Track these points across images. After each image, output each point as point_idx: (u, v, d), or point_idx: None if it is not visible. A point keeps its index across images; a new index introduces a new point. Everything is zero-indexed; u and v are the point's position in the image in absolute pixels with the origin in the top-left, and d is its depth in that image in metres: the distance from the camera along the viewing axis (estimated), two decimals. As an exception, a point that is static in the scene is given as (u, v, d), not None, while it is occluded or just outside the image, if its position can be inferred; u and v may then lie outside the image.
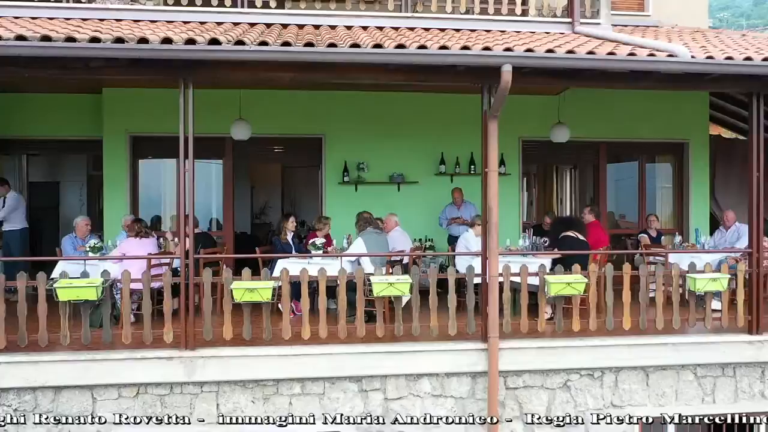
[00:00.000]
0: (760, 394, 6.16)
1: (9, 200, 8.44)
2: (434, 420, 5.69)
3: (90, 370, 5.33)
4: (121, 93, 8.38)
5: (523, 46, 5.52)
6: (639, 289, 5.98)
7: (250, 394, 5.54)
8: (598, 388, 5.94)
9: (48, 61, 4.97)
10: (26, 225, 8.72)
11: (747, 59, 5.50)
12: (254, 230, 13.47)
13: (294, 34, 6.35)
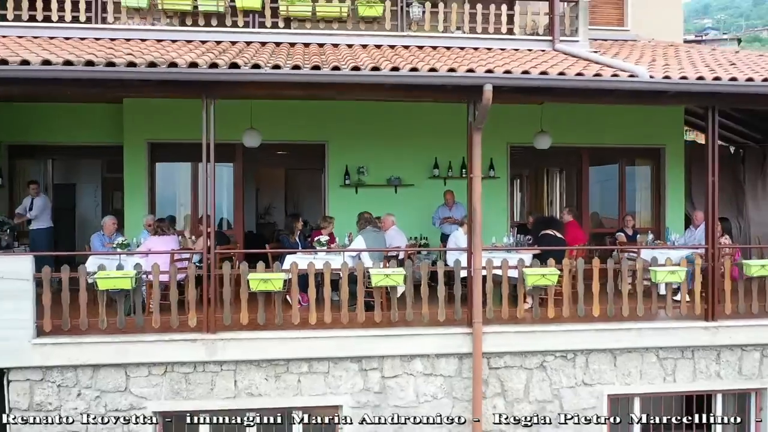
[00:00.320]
0: (716, 374, 6.98)
1: (39, 201, 9.27)
2: (426, 396, 6.51)
3: (124, 351, 6.15)
4: (140, 103, 9.16)
5: (504, 66, 6.33)
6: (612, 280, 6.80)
7: (264, 372, 6.35)
8: (570, 368, 6.75)
9: (90, 82, 5.78)
10: (51, 224, 9.55)
11: (699, 78, 6.32)
12: (259, 229, 14.28)
13: (301, 54, 7.18)
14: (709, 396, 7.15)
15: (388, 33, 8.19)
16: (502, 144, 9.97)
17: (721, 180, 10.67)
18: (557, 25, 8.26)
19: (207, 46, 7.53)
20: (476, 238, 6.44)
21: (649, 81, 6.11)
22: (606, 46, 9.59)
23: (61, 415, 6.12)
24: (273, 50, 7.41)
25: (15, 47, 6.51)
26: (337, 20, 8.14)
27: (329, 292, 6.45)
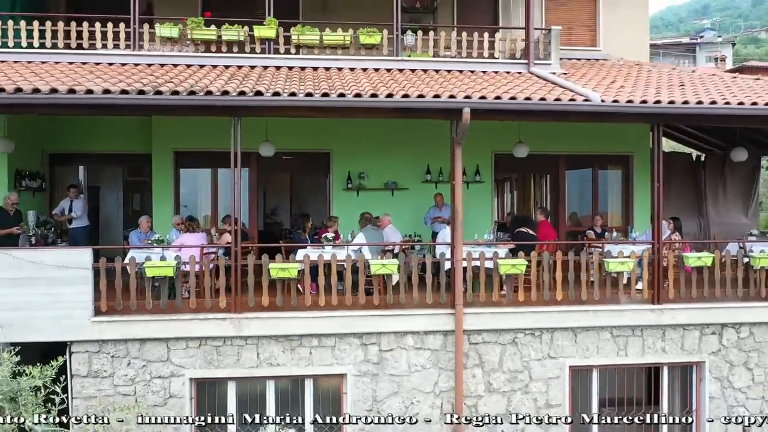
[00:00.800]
0: (661, 349, 8.35)
1: (79, 203, 10.63)
2: (416, 366, 7.88)
3: (166, 328, 7.52)
4: (167, 118, 10.48)
5: (481, 91, 7.71)
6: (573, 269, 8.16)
7: (281, 345, 7.72)
8: (538, 343, 8.13)
9: (140, 108, 7.16)
10: (88, 223, 10.92)
11: (643, 102, 7.68)
12: (267, 228, 15.66)
13: (311, 78, 8.56)
14: (657, 368, 8.52)
15: (385, 58, 9.57)
16: (487, 152, 11.32)
17: (685, 183, 12.19)
18: (532, 50, 9.63)
19: (230, 70, 8.90)
20: (458, 234, 7.81)
21: (600, 105, 7.48)
22: (578, 65, 10.98)
23: (114, 381, 7.50)
24: (287, 75, 8.78)
25: (75, 76, 7.86)
26: (341, 47, 9.51)
27: (335, 280, 7.83)
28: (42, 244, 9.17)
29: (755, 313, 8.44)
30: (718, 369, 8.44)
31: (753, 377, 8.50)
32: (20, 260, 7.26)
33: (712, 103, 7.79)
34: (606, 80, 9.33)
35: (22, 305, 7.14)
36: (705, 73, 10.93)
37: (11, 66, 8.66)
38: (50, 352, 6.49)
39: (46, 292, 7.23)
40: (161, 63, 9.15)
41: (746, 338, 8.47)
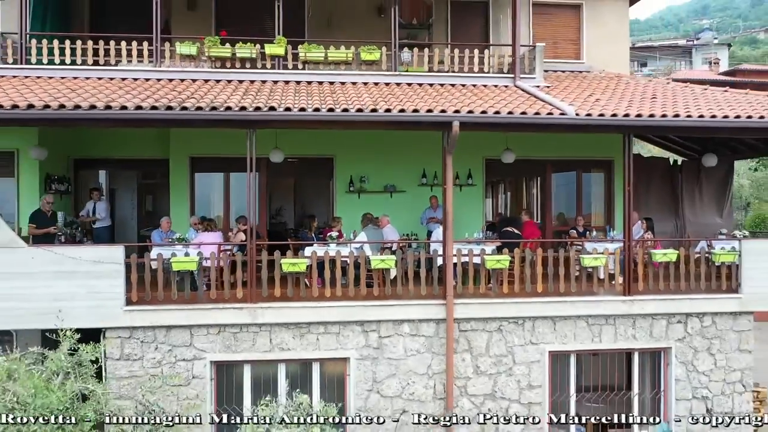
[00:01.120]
0: (632, 336, 9.35)
1: (102, 205, 11.62)
2: (412, 351, 8.88)
3: (189, 316, 8.52)
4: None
5: (469, 106, 8.70)
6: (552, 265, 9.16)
7: (291, 332, 8.73)
8: (521, 331, 9.13)
9: (167, 122, 8.17)
10: (110, 223, 11.92)
11: (613, 115, 8.68)
12: (272, 228, 16.64)
13: (317, 92, 9.56)
14: (629, 353, 9.53)
15: (384, 73, 10.58)
16: (478, 158, 12.30)
17: (663, 187, 13.18)
18: (518, 66, 10.64)
19: (244, 85, 9.91)
20: (448, 233, 8.82)
21: (574, 118, 8.49)
22: (562, 78, 11.99)
23: (143, 363, 8.50)
24: (296, 89, 9.79)
25: (106, 92, 8.85)
26: (344, 63, 10.53)
27: (340, 274, 8.83)
28: (70, 242, 10.17)
29: (717, 304, 9.45)
30: (684, 354, 9.45)
31: (715, 362, 9.50)
32: (61, 256, 8.27)
33: (675, 116, 8.80)
34: (585, 93, 10.34)
35: (64, 296, 8.12)
36: (678, 85, 11.91)
37: (47, 81, 9.66)
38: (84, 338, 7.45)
39: (83, 284, 8.24)
40: (181, 78, 10.16)
41: (709, 327, 9.48)
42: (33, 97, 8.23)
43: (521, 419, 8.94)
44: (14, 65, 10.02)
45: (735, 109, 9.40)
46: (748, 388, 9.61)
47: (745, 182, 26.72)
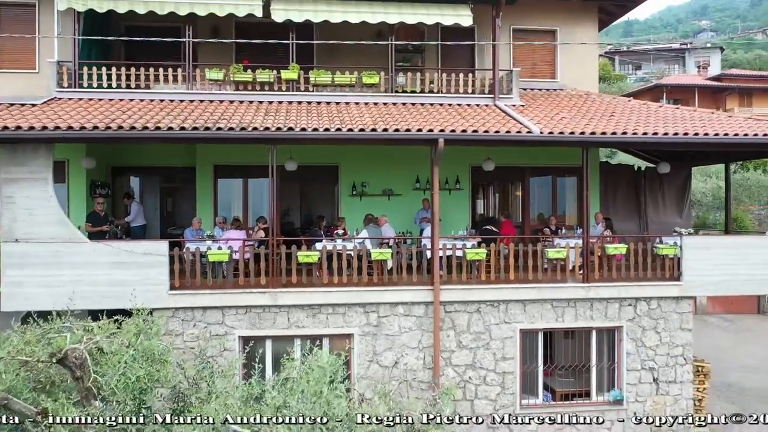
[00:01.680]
0: (590, 317, 11.28)
1: (134, 207, 13.55)
2: (405, 328, 10.81)
3: (222, 299, 10.44)
4: (209, 138, 13.40)
5: (453, 125, 10.62)
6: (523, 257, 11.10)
7: (305, 313, 10.65)
8: (496, 312, 11.05)
9: (204, 140, 10.09)
10: (145, 222, 13.84)
11: (571, 133, 10.61)
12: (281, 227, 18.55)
13: (326, 112, 11.49)
14: (588, 331, 11.46)
15: (382, 94, 12.52)
16: (465, 165, 14.22)
17: (629, 190, 15.09)
18: (497, 88, 12.60)
19: (263, 106, 11.85)
20: (436, 230, 10.75)
21: (539, 135, 10.43)
22: (538, 96, 13.92)
23: (183, 338, 10.43)
24: (307, 109, 11.72)
25: (151, 113, 10.78)
26: (348, 85, 12.46)
27: (345, 265, 10.76)
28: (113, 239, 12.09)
29: (662, 290, 11.39)
30: (634, 332, 11.39)
31: (660, 338, 11.44)
32: (118, 249, 10.21)
33: (624, 134, 10.74)
34: (553, 111, 12.27)
35: (120, 282, 10.05)
36: (637, 103, 13.83)
37: (98, 103, 11.60)
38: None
39: (136, 272, 10.16)
40: (210, 99, 12.10)
41: (655, 309, 11.42)
42: (93, 119, 10.16)
43: (494, 386, 10.89)
44: (69, 89, 11.94)
45: (678, 126, 11.35)
46: (688, 361, 11.55)
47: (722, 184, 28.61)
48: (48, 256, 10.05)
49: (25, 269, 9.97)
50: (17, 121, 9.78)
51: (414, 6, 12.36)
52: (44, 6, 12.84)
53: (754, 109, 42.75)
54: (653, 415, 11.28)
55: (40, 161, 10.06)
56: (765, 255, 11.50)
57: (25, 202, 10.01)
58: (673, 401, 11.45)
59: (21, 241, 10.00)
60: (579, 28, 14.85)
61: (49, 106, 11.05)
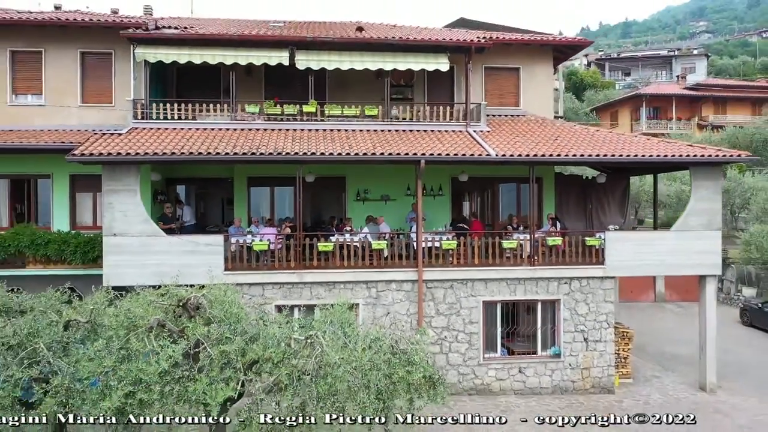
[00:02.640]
0: (535, 292, 15.38)
1: (187, 210, 17.63)
2: (397, 300, 14.90)
3: (262, 277, 14.54)
4: (244, 155, 17.49)
5: (433, 148, 14.71)
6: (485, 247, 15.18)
7: (323, 288, 14.75)
8: (464, 288, 15.15)
9: (245, 161, 14.21)
10: (195, 221, 17.93)
11: (519, 155, 14.69)
12: (297, 226, 22.62)
13: (338, 138, 15.58)
14: (534, 302, 15.55)
15: (380, 122, 16.60)
16: (446, 176, 18.28)
17: (578, 196, 19.21)
18: (469, 118, 16.69)
19: (290, 133, 15.93)
20: (420, 227, 14.85)
21: (494, 157, 14.52)
22: (503, 121, 18.00)
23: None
24: (323, 136, 15.80)
25: (207, 140, 14.86)
26: (353, 116, 16.54)
27: (352, 253, 14.84)
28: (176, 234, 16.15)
29: (590, 271, 15.46)
30: (569, 303, 15.46)
31: (589, 308, 15.51)
32: (187, 241, 14.30)
33: (558, 155, 14.82)
34: (511, 136, 16.35)
35: (189, 265, 14.08)
36: (579, 128, 17.91)
37: (164, 131, 15.66)
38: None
39: (200, 258, 14.22)
40: (249, 128, 16.17)
41: (585, 285, 15.49)
42: (167, 146, 14.25)
43: (463, 343, 14.98)
44: (142, 120, 16.03)
45: (604, 147, 15.43)
46: (611, 325, 15.61)
47: (686, 188, 32.64)
48: (137, 246, 14.15)
49: (120, 255, 14.07)
50: (114, 149, 13.88)
51: (405, 56, 16.48)
52: (119, 54, 16.94)
53: (729, 117, 46.90)
54: (584, 366, 15.36)
55: (131, 177, 14.16)
56: (667, 245, 15.60)
57: (120, 207, 14.10)
58: (599, 355, 15.53)
59: (118, 236, 14.11)
60: (538, 67, 18.96)
61: (131, 135, 15.14)
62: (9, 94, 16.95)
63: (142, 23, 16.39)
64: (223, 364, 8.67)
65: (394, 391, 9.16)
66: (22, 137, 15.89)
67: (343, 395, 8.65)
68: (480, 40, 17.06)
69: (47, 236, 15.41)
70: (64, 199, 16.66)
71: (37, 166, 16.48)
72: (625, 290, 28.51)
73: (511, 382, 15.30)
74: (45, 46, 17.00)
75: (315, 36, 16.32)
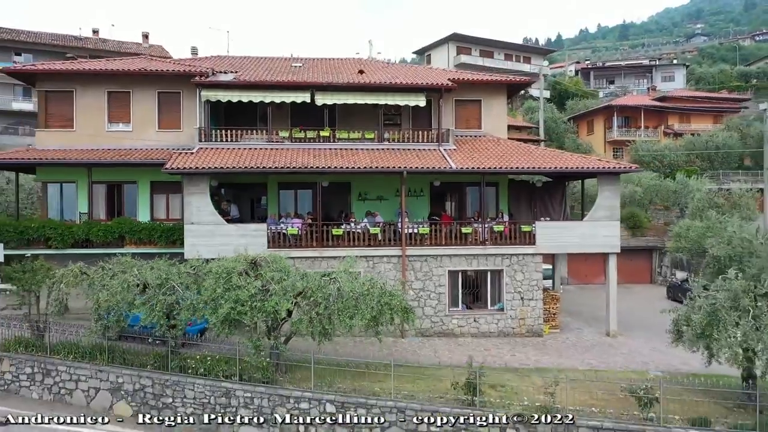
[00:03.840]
0: (485, 264, 22.38)
1: (233, 207, 24.61)
2: (387, 269, 21.89)
3: (291, 252, 21.54)
4: (276, 167, 24.49)
5: (413, 163, 21.70)
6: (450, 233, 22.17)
7: (336, 261, 21.69)
8: (435, 261, 22.17)
9: (286, 173, 21.24)
10: (239, 215, 24.92)
11: (471, 168, 21.67)
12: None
13: (345, 155, 22.62)
14: (485, 272, 22.53)
15: (375, 143, 23.62)
16: (426, 182, 25.27)
17: (527, 198, 26.49)
18: (440, 138, 23.68)
19: (311, 152, 22.93)
20: (404, 219, 21.83)
21: (454, 170, 21.52)
22: (467, 141, 25.00)
23: (273, 273, 21.52)
24: (335, 153, 22.81)
25: (253, 157, 21.88)
26: (356, 139, 23.56)
27: (356, 237, 21.83)
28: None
29: (525, 249, 22.44)
30: (509, 272, 22.44)
31: (524, 276, 22.49)
32: (240, 227, 21.33)
33: (500, 168, 21.79)
34: (471, 153, 23.32)
35: (242, 245, 20.93)
36: (521, 145, 24.85)
37: (221, 151, 22.64)
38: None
39: (249, 240, 21.14)
40: (280, 148, 23.15)
41: (521, 260, 22.47)
42: (226, 161, 21.24)
43: (434, 300, 21.98)
44: (205, 142, 23.04)
45: (535, 160, 22.38)
46: (540, 288, 22.56)
47: (638, 189, 39.58)
48: (206, 231, 21.16)
49: (195, 238, 21.07)
50: (191, 164, 20.90)
51: (394, 95, 23.52)
52: (185, 93, 23.97)
53: (692, 125, 53.89)
54: (520, 317, 22.32)
55: (203, 183, 21.18)
56: (581, 231, 22.59)
57: (196, 204, 21.11)
58: (531, 310, 22.48)
59: (194, 224, 21.11)
60: (494, 100, 26.00)
61: (199, 153, 22.14)
62: (106, 123, 24.02)
63: (204, 72, 23.43)
64: (282, 291, 15.62)
65: (381, 310, 16.07)
66: (117, 155, 22.90)
67: (351, 310, 15.55)
68: (448, 83, 24.08)
69: (140, 225, 22.44)
70: (146, 199, 23.74)
71: (126, 175, 23.55)
72: (580, 274, 35.59)
73: (469, 328, 22.26)
74: (132, 88, 24.06)
75: (329, 82, 23.38)
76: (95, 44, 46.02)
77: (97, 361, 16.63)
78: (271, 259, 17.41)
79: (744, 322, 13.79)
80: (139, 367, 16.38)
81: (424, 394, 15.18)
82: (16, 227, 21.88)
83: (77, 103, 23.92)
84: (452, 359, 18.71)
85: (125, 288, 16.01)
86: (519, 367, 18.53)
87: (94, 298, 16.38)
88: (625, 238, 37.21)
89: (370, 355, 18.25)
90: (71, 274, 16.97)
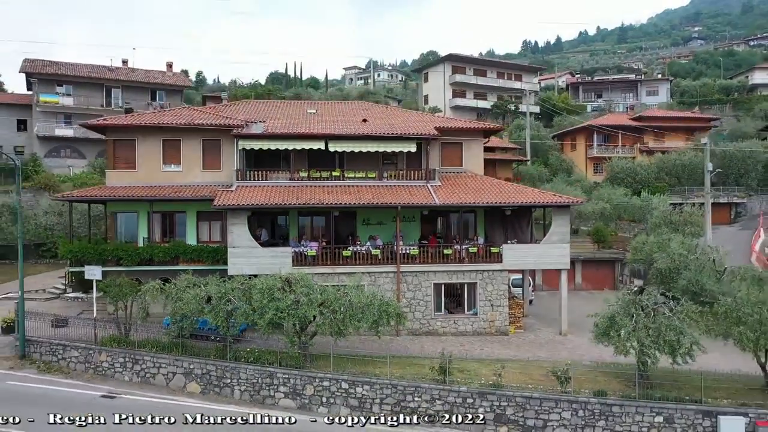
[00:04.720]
0: (462, 278, 29.13)
1: (264, 232, 31.36)
2: (386, 282, 28.66)
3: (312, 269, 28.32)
4: (296, 198, 31.23)
5: (406, 198, 28.45)
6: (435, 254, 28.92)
7: (346, 276, 28.53)
8: (424, 275, 28.99)
9: (305, 208, 28.01)
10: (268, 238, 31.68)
11: (450, 202, 28.39)
12: (323, 238, 36.47)
13: (352, 192, 29.39)
14: (462, 284, 29.29)
15: (376, 181, 30.38)
16: (417, 211, 31.99)
17: (500, 224, 33.51)
18: (428, 177, 30.43)
19: (324, 189, 29.69)
20: (398, 244, 28.58)
21: (436, 204, 28.27)
22: (451, 177, 31.77)
23: (296, 286, 28.32)
24: (343, 190, 29.56)
25: (280, 194, 28.66)
26: (361, 178, 30.31)
27: (361, 257, 28.59)
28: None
29: (494, 266, 29.20)
30: (482, 284, 29.22)
31: (493, 287, 29.27)
32: (271, 250, 28.12)
33: (468, 203, 28.52)
34: (452, 188, 30.06)
35: (272, 264, 27.65)
36: (496, 181, 31.55)
37: (254, 188, 29.38)
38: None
39: (278, 260, 27.88)
40: (300, 185, 29.90)
41: (491, 275, 29.23)
42: (259, 198, 27.99)
43: (422, 307, 28.76)
44: (241, 181, 29.80)
45: (502, 194, 29.12)
46: (506, 297, 29.30)
47: (607, 206, 46.20)
48: (245, 252, 27.94)
49: (237, 258, 27.86)
50: (233, 200, 27.67)
51: (391, 143, 30.27)
52: (224, 140, 30.71)
53: (666, 143, 60.58)
54: (490, 320, 29.07)
55: (242, 215, 27.96)
56: (539, 251, 29.34)
57: (236, 232, 27.89)
58: (499, 314, 29.24)
59: (236, 248, 27.89)
60: (473, 142, 32.76)
61: (238, 191, 28.90)
62: (161, 164, 30.78)
63: (240, 125, 30.15)
64: (309, 302, 22.36)
65: (381, 316, 22.78)
66: (171, 191, 29.63)
67: (358, 316, 22.27)
68: (434, 132, 30.80)
69: (191, 247, 29.22)
70: (193, 225, 30.53)
71: (178, 207, 30.33)
72: (551, 282, 42.31)
73: (449, 329, 29.00)
74: (181, 136, 30.81)
75: (340, 132, 30.13)
76: (126, 75, 52.70)
77: (173, 352, 23.40)
78: (299, 277, 24.18)
79: (629, 325, 20.54)
80: (205, 357, 23.16)
81: (411, 376, 21.96)
82: (95, 249, 28.67)
83: (138, 149, 30.68)
84: (434, 352, 25.47)
85: (197, 299, 22.78)
86: (484, 358, 25.26)
87: (172, 306, 23.17)
88: (592, 250, 44.14)
89: (373, 349, 25.03)
90: (153, 288, 23.74)
